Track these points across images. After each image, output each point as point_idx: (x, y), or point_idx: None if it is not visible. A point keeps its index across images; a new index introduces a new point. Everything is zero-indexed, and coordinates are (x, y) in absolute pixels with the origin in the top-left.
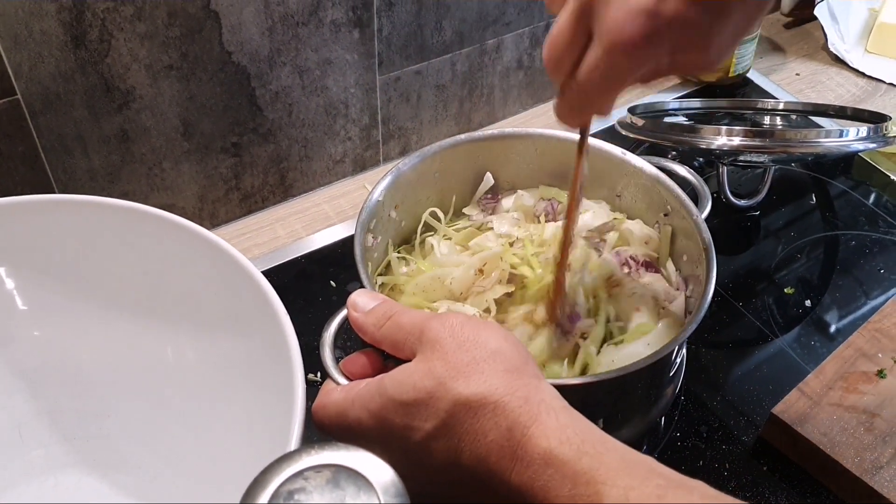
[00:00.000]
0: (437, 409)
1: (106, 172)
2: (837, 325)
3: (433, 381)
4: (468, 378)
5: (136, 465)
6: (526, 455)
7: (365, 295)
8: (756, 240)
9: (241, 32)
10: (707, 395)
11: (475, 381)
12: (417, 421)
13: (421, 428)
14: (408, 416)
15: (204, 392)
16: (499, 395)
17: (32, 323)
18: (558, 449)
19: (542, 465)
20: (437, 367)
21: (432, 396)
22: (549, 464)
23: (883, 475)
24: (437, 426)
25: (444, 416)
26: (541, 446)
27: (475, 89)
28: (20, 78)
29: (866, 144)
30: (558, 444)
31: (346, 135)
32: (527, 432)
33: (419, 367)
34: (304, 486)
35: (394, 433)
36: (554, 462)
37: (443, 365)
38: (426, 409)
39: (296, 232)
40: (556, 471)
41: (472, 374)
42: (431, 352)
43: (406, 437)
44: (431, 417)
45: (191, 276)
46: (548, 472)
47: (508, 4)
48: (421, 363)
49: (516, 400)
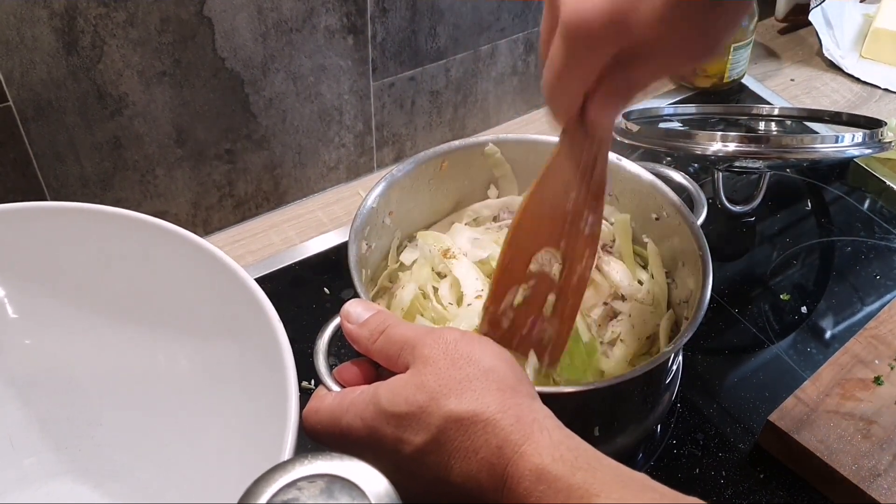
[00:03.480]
0: (429, 424)
1: (98, 179)
2: (833, 332)
3: (425, 396)
4: (460, 395)
5: (128, 473)
6: (517, 472)
7: (358, 305)
8: (752, 246)
9: (235, 38)
10: (703, 403)
11: (467, 399)
12: (408, 434)
13: (412, 441)
14: (399, 428)
15: (197, 400)
16: (490, 412)
17: (24, 331)
18: (551, 465)
19: (534, 482)
20: (430, 382)
21: (424, 411)
22: (542, 480)
23: (880, 482)
24: (427, 441)
25: (434, 431)
26: (533, 462)
27: (469, 95)
28: (11, 84)
29: (862, 150)
30: (551, 462)
31: (340, 141)
32: (518, 450)
33: (412, 381)
34: (298, 497)
35: (385, 444)
36: (547, 478)
37: (435, 381)
38: (417, 423)
39: (289, 239)
40: (549, 486)
41: (464, 391)
42: (424, 366)
43: (397, 449)
44: (422, 432)
45: (184, 284)
46: (540, 489)
47: (503, 10)
48: (414, 377)
49: (508, 418)
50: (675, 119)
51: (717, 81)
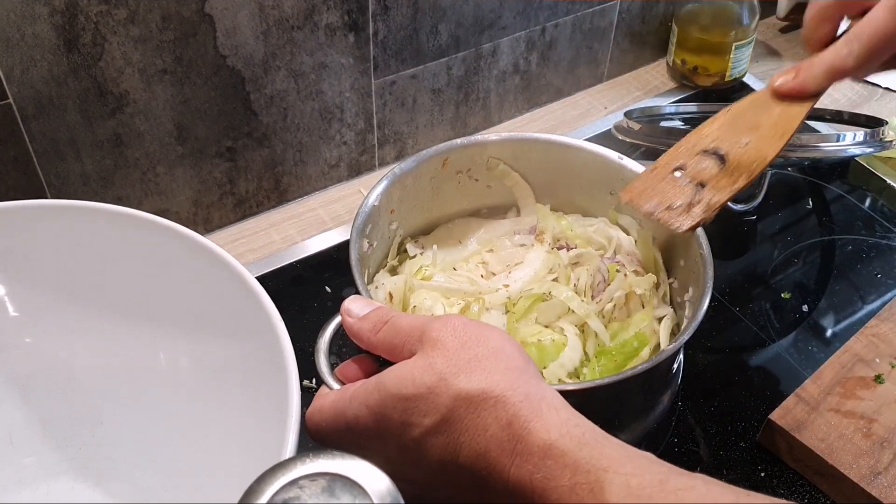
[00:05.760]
0: (438, 405)
1: (99, 177)
2: (834, 330)
3: (434, 377)
4: (470, 374)
5: (128, 472)
6: (525, 449)
7: (359, 301)
8: (753, 244)
9: (236, 36)
10: (704, 401)
11: (477, 377)
12: (416, 417)
13: (420, 424)
14: (406, 411)
15: (198, 399)
16: (500, 389)
17: (24, 329)
18: (559, 441)
19: (541, 458)
20: (439, 363)
21: (432, 392)
22: (549, 455)
23: (881, 481)
24: (436, 422)
25: (444, 411)
26: (541, 438)
27: (471, 93)
28: (12, 82)
29: (863, 149)
30: (559, 437)
31: (341, 139)
32: (528, 426)
33: (419, 363)
34: (299, 495)
35: (391, 429)
36: (554, 453)
37: (444, 361)
38: (426, 404)
39: (291, 237)
40: (556, 461)
41: (473, 370)
42: (432, 349)
43: (404, 433)
44: (431, 413)
45: (185, 282)
46: (547, 464)
47: (504, 8)
48: (421, 359)
49: (517, 395)
50: (677, 118)
51: (718, 80)
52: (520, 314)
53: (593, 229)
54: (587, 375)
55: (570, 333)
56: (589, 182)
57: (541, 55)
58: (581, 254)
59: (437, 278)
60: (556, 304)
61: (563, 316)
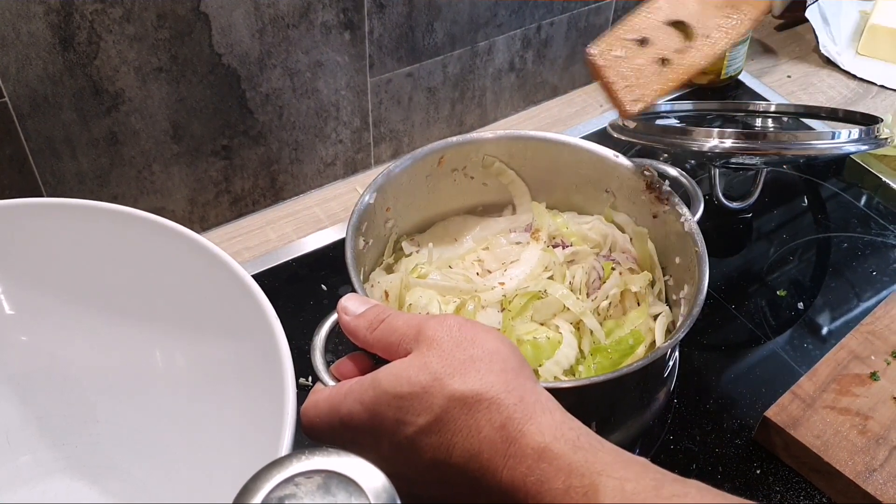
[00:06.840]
0: (431, 405)
1: (95, 176)
2: (830, 328)
3: (429, 376)
4: (464, 375)
5: (125, 470)
6: (519, 451)
7: (355, 299)
8: (748, 242)
9: (232, 34)
10: (700, 398)
11: (471, 379)
12: (410, 415)
13: (413, 422)
14: (400, 409)
15: (194, 397)
16: (494, 391)
17: (20, 328)
18: (553, 444)
19: (535, 460)
20: (434, 362)
21: (427, 391)
22: (543, 458)
23: (876, 478)
24: (430, 421)
25: (438, 411)
26: (535, 441)
27: (467, 91)
28: (7, 80)
29: (858, 146)
30: (553, 440)
31: (337, 137)
32: (521, 428)
33: (415, 362)
34: (295, 492)
35: (385, 427)
36: (548, 456)
37: (439, 361)
38: (420, 403)
39: (286, 235)
40: (550, 464)
41: (468, 371)
42: (428, 349)
43: (397, 431)
44: (425, 412)
45: (181, 280)
46: (541, 467)
47: (500, 6)
48: (417, 358)
49: (512, 398)
50: (672, 115)
51: (713, 78)
52: (515, 312)
53: (589, 227)
54: (583, 373)
55: (566, 331)
56: (584, 180)
57: (536, 53)
58: (576, 251)
59: (433, 276)
60: (552, 301)
61: (558, 313)
